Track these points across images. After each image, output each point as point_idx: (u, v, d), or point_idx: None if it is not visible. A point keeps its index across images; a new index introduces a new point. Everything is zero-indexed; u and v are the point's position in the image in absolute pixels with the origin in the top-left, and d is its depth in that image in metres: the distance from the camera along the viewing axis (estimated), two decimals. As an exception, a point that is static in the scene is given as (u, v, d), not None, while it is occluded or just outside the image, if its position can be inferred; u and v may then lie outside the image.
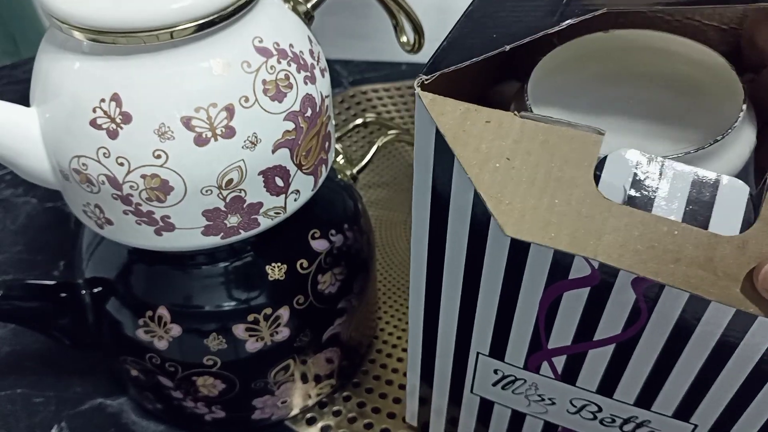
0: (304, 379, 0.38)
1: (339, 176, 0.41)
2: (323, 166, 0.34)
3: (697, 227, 0.23)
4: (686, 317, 0.24)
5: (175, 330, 0.34)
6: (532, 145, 0.24)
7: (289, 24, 0.32)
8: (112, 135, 0.28)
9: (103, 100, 0.28)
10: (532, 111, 0.29)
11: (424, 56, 0.43)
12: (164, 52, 0.28)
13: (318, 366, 0.38)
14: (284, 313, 0.35)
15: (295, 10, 0.34)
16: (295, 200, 0.33)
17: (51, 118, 0.29)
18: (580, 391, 0.30)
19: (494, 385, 0.32)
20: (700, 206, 0.24)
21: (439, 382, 0.34)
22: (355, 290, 0.38)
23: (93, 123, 0.28)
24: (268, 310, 0.34)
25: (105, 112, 0.28)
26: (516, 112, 0.25)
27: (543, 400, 0.32)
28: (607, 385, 0.29)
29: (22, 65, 0.69)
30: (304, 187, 0.33)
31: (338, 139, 0.41)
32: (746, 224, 0.23)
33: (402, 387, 0.42)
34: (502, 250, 0.26)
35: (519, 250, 0.26)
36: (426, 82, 0.25)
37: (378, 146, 0.45)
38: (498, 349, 0.31)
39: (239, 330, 0.34)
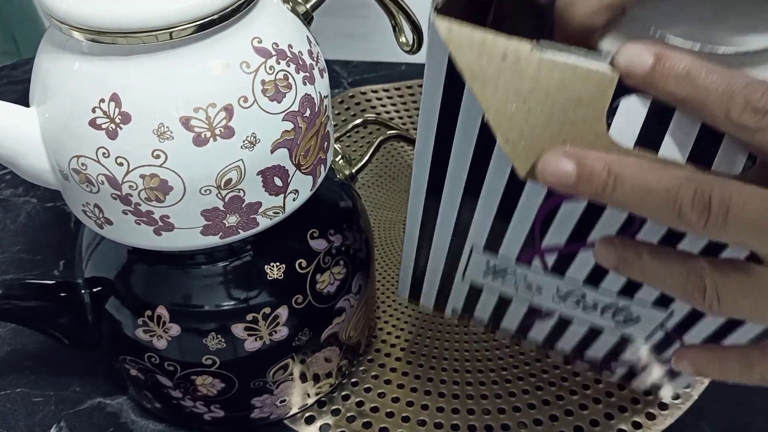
0: (303, 378, 0.38)
1: (338, 176, 0.41)
2: (322, 166, 0.34)
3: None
4: None
5: (174, 329, 0.34)
6: (549, 85, 0.24)
7: (288, 24, 0.32)
8: (112, 135, 0.28)
9: (102, 100, 0.28)
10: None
11: (423, 56, 0.43)
12: (163, 52, 0.28)
13: (317, 365, 0.39)
14: (283, 312, 0.35)
15: (294, 10, 0.34)
16: (294, 200, 0.33)
17: (50, 118, 0.30)
18: (569, 280, 0.32)
19: (485, 275, 0.34)
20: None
21: (433, 267, 0.36)
22: (354, 290, 0.38)
23: (92, 123, 0.28)
24: (267, 310, 0.34)
25: (104, 112, 0.28)
26: (535, 42, 0.23)
27: (530, 287, 0.34)
28: (595, 278, 0.31)
29: (22, 65, 0.69)
30: (302, 187, 0.33)
31: (337, 139, 0.41)
32: None
33: (401, 387, 0.43)
34: (505, 169, 0.27)
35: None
36: (440, 6, 0.24)
37: (377, 146, 0.45)
38: (493, 245, 0.32)
39: (238, 329, 0.34)
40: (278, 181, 0.31)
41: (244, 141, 0.29)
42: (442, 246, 0.34)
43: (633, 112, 0.25)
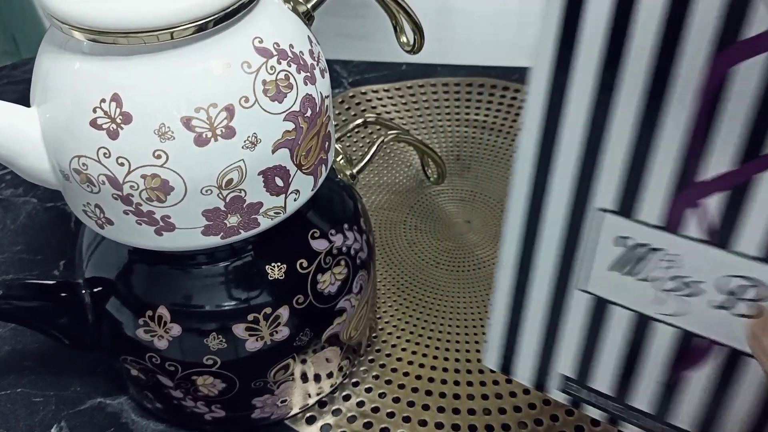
0: (304, 378, 0.38)
1: (339, 176, 0.41)
2: (323, 166, 0.34)
3: None
4: None
5: (175, 329, 0.34)
6: None
7: (289, 24, 0.32)
8: (113, 135, 0.28)
9: (103, 101, 0.28)
10: None
11: (424, 56, 0.44)
12: (164, 52, 0.28)
13: (317, 365, 0.39)
14: (284, 312, 0.35)
15: (295, 10, 0.34)
16: (295, 200, 0.33)
17: (51, 119, 0.29)
18: (738, 262, 0.22)
19: (614, 268, 0.25)
20: None
21: (540, 274, 0.27)
22: (355, 290, 0.38)
23: (93, 123, 0.28)
24: (268, 310, 0.34)
25: (105, 113, 0.28)
26: None
27: (680, 288, 0.24)
28: None
29: (22, 65, 0.69)
30: (303, 187, 0.33)
31: (338, 140, 0.41)
32: None
33: (402, 387, 0.43)
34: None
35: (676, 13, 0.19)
36: None
37: (378, 146, 0.45)
38: (628, 197, 0.23)
39: (239, 329, 0.34)
40: (279, 182, 0.31)
41: (245, 141, 0.29)
42: (553, 229, 0.25)
43: None
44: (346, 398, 0.42)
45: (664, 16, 0.20)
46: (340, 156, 0.42)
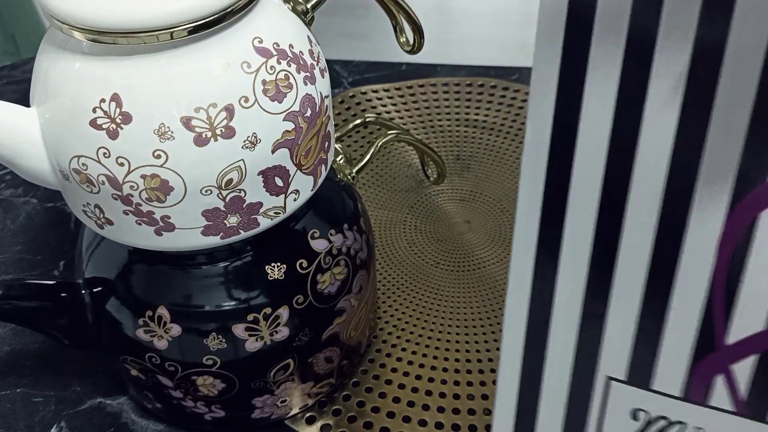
0: (304, 378, 0.38)
1: (339, 176, 0.41)
2: (323, 166, 0.34)
3: None
4: None
5: (175, 330, 0.34)
6: None
7: (288, 24, 0.32)
8: (112, 135, 0.28)
9: (103, 101, 0.28)
10: None
11: (423, 56, 0.44)
12: (164, 52, 0.28)
13: (317, 365, 0.39)
14: (284, 312, 0.35)
15: (294, 10, 0.34)
16: (295, 200, 0.33)
17: (51, 119, 0.29)
18: None
19: None
20: None
21: (548, 414, 0.23)
22: (355, 290, 0.38)
23: (93, 123, 0.28)
24: (268, 310, 0.34)
25: (105, 113, 0.28)
26: None
27: None
28: None
29: (22, 65, 0.69)
30: (303, 187, 0.33)
31: (338, 139, 0.41)
32: None
33: (402, 387, 0.42)
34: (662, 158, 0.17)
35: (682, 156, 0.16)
36: None
37: (378, 146, 0.45)
38: (642, 365, 0.20)
39: (239, 329, 0.34)
40: (279, 182, 0.31)
41: (245, 141, 0.29)
42: (558, 395, 0.22)
43: None
44: (346, 398, 0.42)
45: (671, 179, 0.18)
46: (340, 156, 0.41)
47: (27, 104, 0.31)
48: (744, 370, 0.19)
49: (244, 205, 0.31)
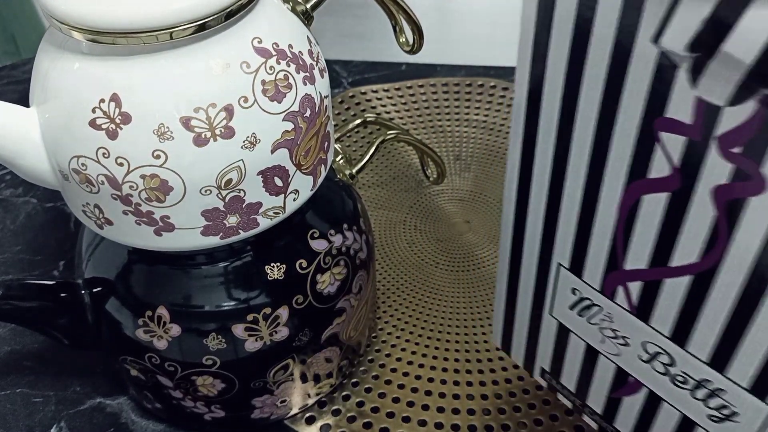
0: (304, 378, 0.38)
1: (338, 176, 0.41)
2: (322, 166, 0.34)
3: None
4: None
5: (175, 330, 0.34)
6: None
7: (288, 24, 0.32)
8: (112, 135, 0.28)
9: (102, 101, 0.28)
10: None
11: (423, 56, 0.44)
12: (164, 52, 0.28)
13: (317, 365, 0.39)
14: (283, 312, 0.35)
15: (294, 10, 0.34)
16: (294, 200, 0.33)
17: (51, 119, 0.29)
18: (654, 334, 0.29)
19: (571, 308, 0.32)
20: None
21: (522, 298, 0.35)
22: (354, 290, 0.38)
23: (92, 123, 0.28)
24: (268, 310, 0.34)
25: (104, 113, 0.28)
26: None
27: (616, 337, 0.30)
28: (681, 331, 0.28)
29: (22, 65, 0.69)
30: (303, 187, 0.33)
31: (338, 140, 0.41)
32: None
33: (401, 387, 0.43)
34: (586, 141, 0.27)
35: (602, 142, 0.26)
36: None
37: (377, 146, 0.45)
38: (577, 262, 0.30)
39: (238, 330, 0.34)
40: (278, 182, 0.31)
41: (244, 141, 0.29)
42: (530, 268, 0.33)
43: None
44: (346, 398, 0.42)
45: (594, 153, 0.27)
46: (340, 156, 0.42)
47: (27, 104, 0.31)
48: (635, 288, 0.28)
49: (243, 205, 0.31)
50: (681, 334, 0.28)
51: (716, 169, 0.23)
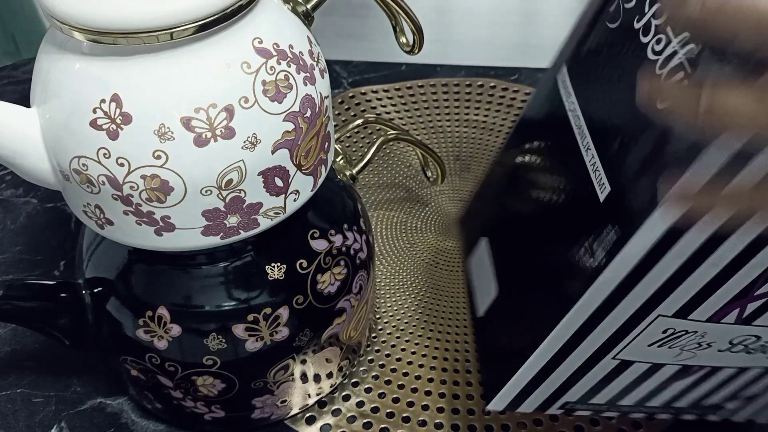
0: (304, 378, 0.38)
1: (338, 176, 0.41)
2: (323, 166, 0.34)
3: None
4: None
5: (175, 330, 0.34)
6: None
7: (288, 25, 0.32)
8: (113, 135, 0.28)
9: (103, 101, 0.28)
10: None
11: (423, 57, 0.44)
12: (164, 52, 0.28)
13: (317, 365, 0.39)
14: (284, 312, 0.35)
15: (294, 10, 0.34)
16: (295, 200, 0.33)
17: (51, 119, 0.30)
18: (751, 328, 0.29)
19: (650, 345, 0.30)
20: None
21: (574, 359, 0.32)
22: (355, 290, 0.38)
23: (93, 123, 0.28)
24: (268, 310, 0.34)
25: (105, 113, 0.28)
26: None
27: (701, 345, 0.30)
28: None
29: (22, 65, 0.69)
30: (303, 188, 0.33)
31: (338, 140, 0.41)
32: None
33: (401, 387, 0.43)
34: None
35: None
36: None
37: (377, 146, 0.45)
38: (687, 308, 0.29)
39: (239, 330, 0.34)
40: (279, 182, 0.31)
41: (244, 141, 0.29)
42: (596, 341, 0.31)
43: None
44: (346, 398, 0.42)
45: None
46: (340, 156, 0.42)
47: (27, 104, 0.31)
48: (753, 305, 0.28)
49: (244, 206, 0.31)
50: None
51: None
